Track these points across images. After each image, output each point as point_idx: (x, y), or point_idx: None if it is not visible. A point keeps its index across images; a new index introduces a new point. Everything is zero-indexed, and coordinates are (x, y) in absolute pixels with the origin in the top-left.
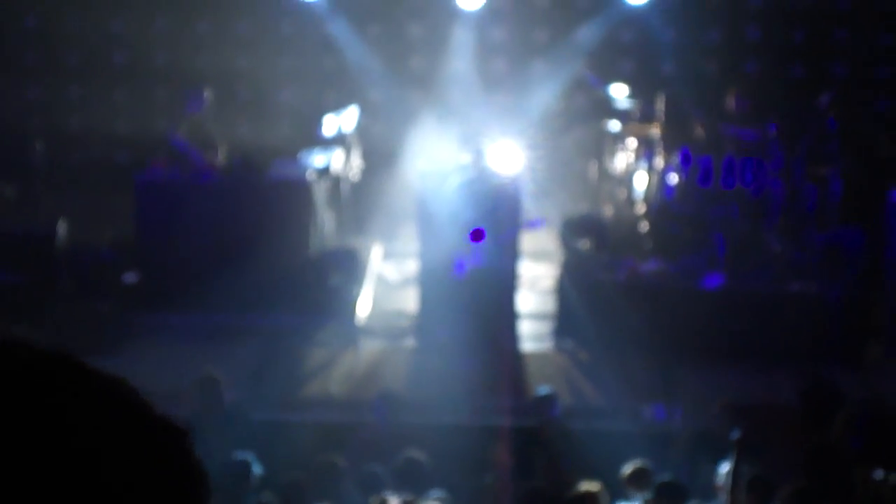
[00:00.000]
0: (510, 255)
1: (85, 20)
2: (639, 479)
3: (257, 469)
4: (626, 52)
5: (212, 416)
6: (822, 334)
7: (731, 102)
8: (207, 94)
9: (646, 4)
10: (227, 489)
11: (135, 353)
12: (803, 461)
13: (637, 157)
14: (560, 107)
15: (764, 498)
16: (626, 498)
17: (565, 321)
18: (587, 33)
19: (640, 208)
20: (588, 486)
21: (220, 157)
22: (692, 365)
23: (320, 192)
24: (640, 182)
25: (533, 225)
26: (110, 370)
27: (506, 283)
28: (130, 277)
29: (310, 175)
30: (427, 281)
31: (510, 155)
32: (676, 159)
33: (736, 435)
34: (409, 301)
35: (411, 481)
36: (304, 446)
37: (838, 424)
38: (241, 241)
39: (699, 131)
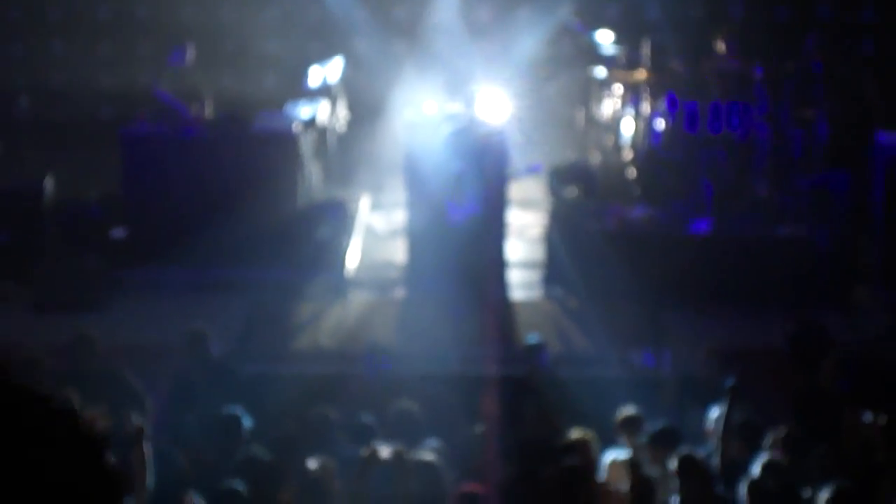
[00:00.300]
0: (498, 203)
1: None
2: (630, 425)
3: (247, 422)
4: None
5: (200, 370)
6: (810, 277)
7: (720, 46)
8: (190, 46)
9: None
10: (217, 442)
11: (123, 308)
12: (792, 405)
13: (623, 104)
14: (545, 54)
15: (755, 443)
16: (618, 445)
17: (554, 269)
18: None
19: (628, 155)
20: (579, 433)
21: (206, 109)
22: (680, 310)
23: (306, 143)
24: (627, 128)
25: (533, 170)
26: (99, 325)
27: (494, 232)
28: (118, 232)
29: (296, 127)
30: (415, 232)
31: (498, 102)
32: (663, 105)
33: (730, 382)
34: (398, 252)
35: (404, 432)
36: (294, 399)
37: (827, 368)
38: (227, 195)
39: (684, 73)
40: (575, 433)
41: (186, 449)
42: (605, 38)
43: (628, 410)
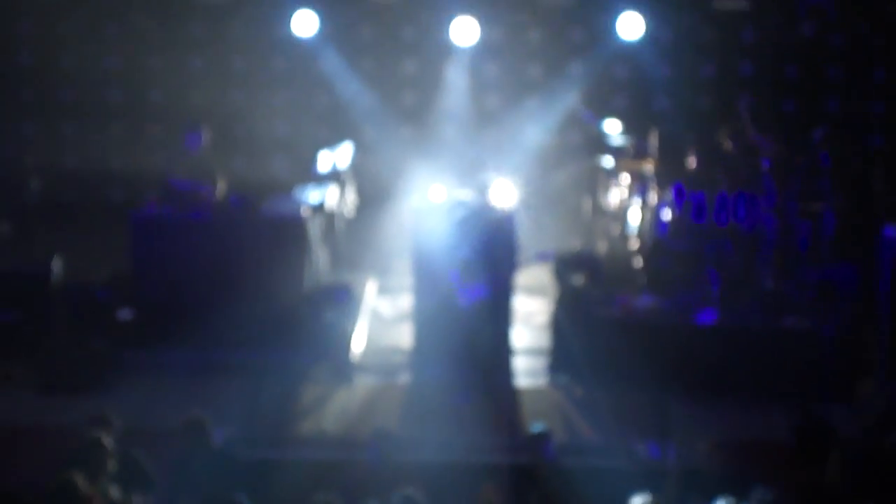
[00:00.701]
0: (505, 290)
1: (80, 57)
2: None
3: None
4: (620, 87)
5: (199, 458)
6: (815, 370)
7: (727, 144)
8: (206, 130)
9: (639, 40)
10: None
11: (128, 389)
12: (797, 499)
13: (631, 193)
14: (554, 142)
15: None
16: None
17: (560, 357)
18: (581, 69)
19: (634, 244)
20: None
21: (220, 193)
22: (686, 401)
23: (315, 228)
24: (634, 217)
25: (543, 257)
26: (104, 406)
27: (500, 319)
28: (125, 314)
29: (304, 211)
30: (421, 317)
31: (506, 190)
32: (670, 195)
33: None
34: (404, 337)
35: None
36: (298, 485)
37: (832, 462)
38: (235, 278)
39: (691, 168)
40: None
41: None
42: (614, 128)
43: (642, 499)
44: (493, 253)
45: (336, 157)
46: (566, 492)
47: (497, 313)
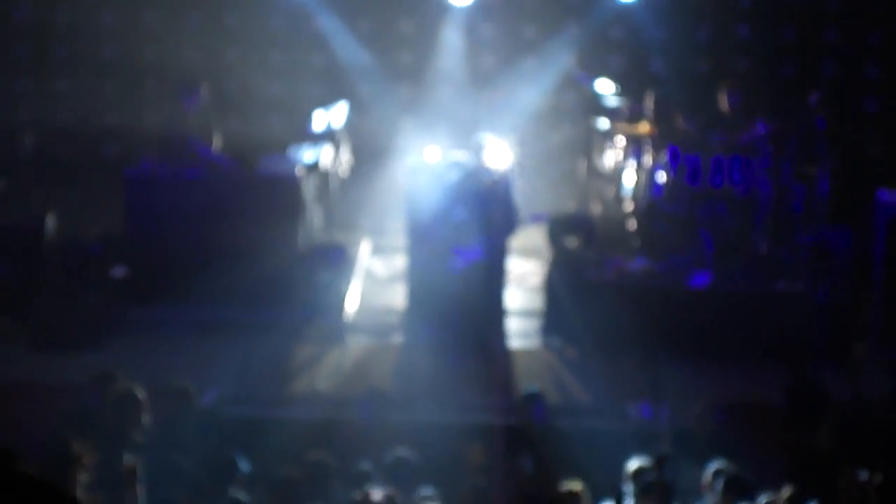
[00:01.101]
0: (499, 251)
1: (74, 14)
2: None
3: (244, 466)
4: (616, 49)
5: (187, 422)
6: (809, 334)
7: (723, 101)
8: (204, 89)
9: (636, 2)
10: (214, 486)
11: (122, 346)
12: (788, 462)
13: (625, 155)
14: (549, 104)
15: (749, 499)
16: (618, 495)
17: (553, 319)
18: (577, 30)
19: (629, 206)
20: (571, 485)
21: (216, 151)
22: (679, 363)
23: (309, 187)
24: (629, 180)
25: (536, 219)
26: (96, 363)
27: (494, 280)
28: (118, 271)
29: (299, 170)
30: (415, 277)
31: (501, 151)
32: (665, 157)
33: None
34: (397, 297)
35: (401, 479)
36: (290, 443)
37: (824, 429)
38: (229, 236)
39: (687, 130)
40: (567, 485)
41: (181, 491)
42: (609, 90)
43: (638, 462)
44: (487, 214)
45: (331, 116)
46: (558, 453)
47: (491, 275)
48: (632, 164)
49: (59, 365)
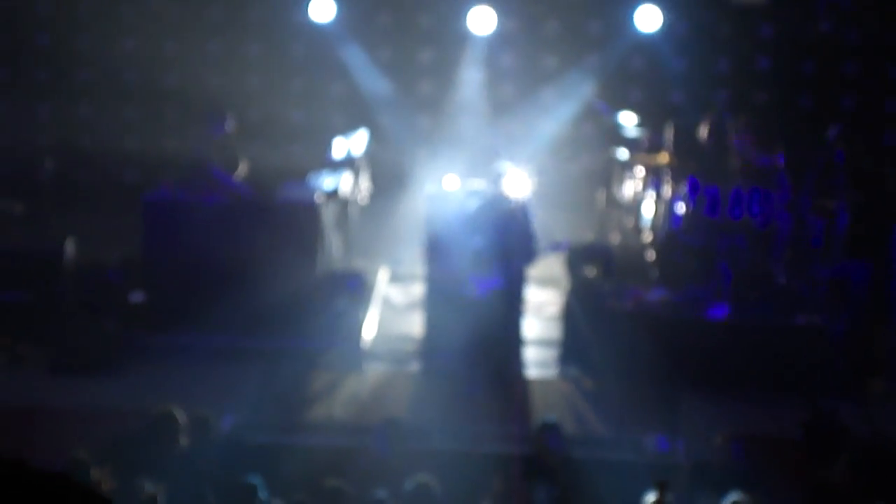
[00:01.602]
0: (517, 280)
1: (96, 39)
2: None
3: (262, 492)
4: (636, 80)
5: (206, 449)
6: (827, 367)
7: (741, 131)
8: (231, 117)
9: (656, 33)
10: None
11: (139, 372)
12: (805, 495)
13: (645, 186)
14: (569, 134)
15: None
16: None
17: (571, 348)
18: (597, 61)
19: (647, 237)
20: None
21: (243, 175)
22: (696, 395)
23: (328, 214)
24: (648, 210)
25: (558, 247)
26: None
27: (512, 309)
28: (137, 297)
29: (318, 197)
30: (433, 306)
31: (520, 180)
32: (684, 189)
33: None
34: (415, 326)
35: None
36: (308, 471)
37: (842, 463)
38: (248, 263)
39: (706, 158)
40: None
41: None
42: (629, 120)
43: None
44: (506, 243)
45: (351, 144)
46: (575, 484)
47: (509, 303)
48: (651, 195)
49: (78, 389)
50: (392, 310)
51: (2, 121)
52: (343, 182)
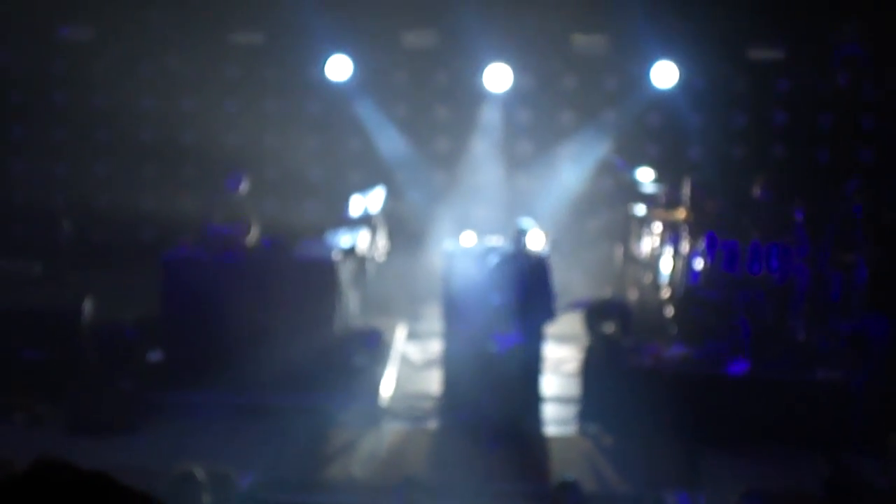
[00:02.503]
0: (535, 337)
1: (114, 98)
2: None
3: None
4: (653, 135)
5: None
6: (847, 422)
7: (757, 191)
8: (246, 174)
9: (672, 88)
10: None
11: (157, 431)
12: None
13: (662, 242)
14: (586, 189)
15: None
16: None
17: (589, 405)
18: (614, 116)
19: (666, 293)
20: None
21: (252, 238)
22: (716, 451)
23: (345, 271)
24: (666, 266)
25: (578, 306)
26: (132, 448)
27: (530, 366)
28: (155, 355)
29: (335, 255)
30: (451, 363)
31: (538, 237)
32: (702, 244)
33: None
34: (433, 383)
35: None
36: None
37: None
38: (265, 320)
39: (724, 213)
40: None
41: None
42: (646, 176)
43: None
44: (525, 300)
45: (368, 201)
46: None
47: (527, 360)
48: (669, 250)
49: (96, 449)
50: (410, 367)
51: (19, 180)
52: (360, 239)
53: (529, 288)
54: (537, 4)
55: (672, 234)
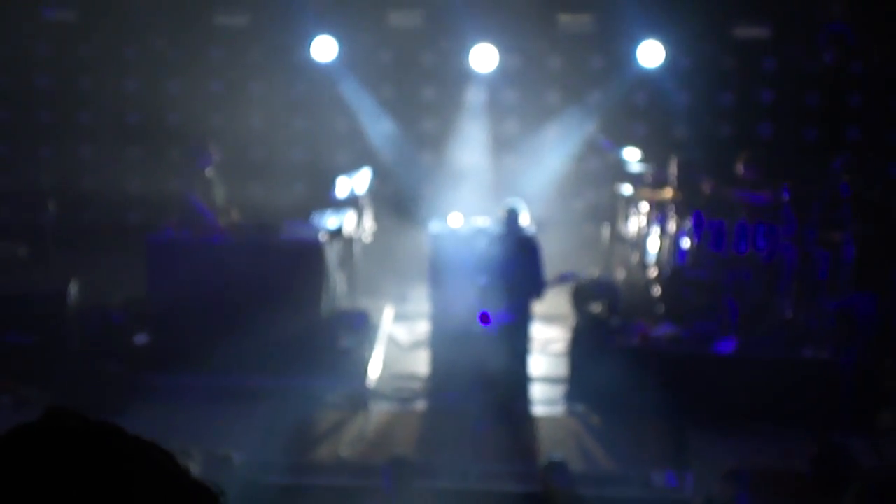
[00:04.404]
0: (523, 316)
1: (98, 80)
2: None
3: None
4: (640, 115)
5: (227, 488)
6: (834, 400)
7: (740, 168)
8: (215, 149)
9: (658, 68)
10: None
11: (144, 413)
12: None
13: (649, 221)
14: (573, 170)
15: None
16: None
17: (577, 385)
18: (600, 96)
19: (653, 272)
20: None
21: (234, 216)
22: (704, 430)
23: (332, 253)
24: (653, 246)
25: (566, 278)
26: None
27: (518, 346)
28: (141, 338)
29: (322, 236)
30: (438, 343)
31: (525, 217)
32: (689, 223)
33: None
34: (420, 364)
35: None
36: None
37: (850, 497)
38: (252, 303)
39: (710, 194)
40: None
41: None
42: (633, 156)
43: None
44: (513, 280)
45: (354, 182)
46: None
47: (515, 341)
48: (656, 230)
49: None
50: (397, 348)
51: (4, 163)
52: (347, 220)
53: (515, 268)
54: None
55: (659, 214)
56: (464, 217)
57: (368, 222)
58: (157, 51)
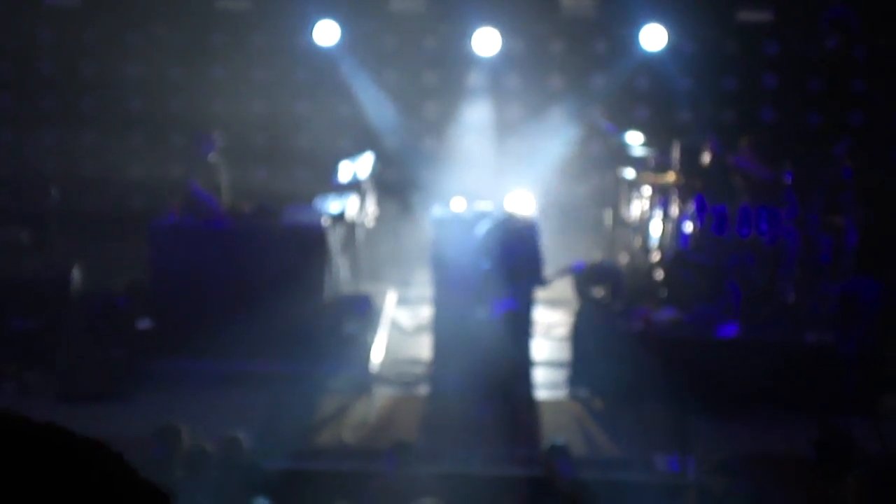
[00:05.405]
0: (526, 302)
1: (101, 66)
2: None
3: None
4: (642, 99)
5: (234, 472)
6: (837, 385)
7: (744, 151)
8: (219, 135)
9: (661, 52)
10: None
11: (147, 398)
12: None
13: (652, 205)
14: (575, 154)
15: None
16: None
17: (580, 369)
18: (603, 80)
19: (655, 256)
20: None
21: (236, 202)
22: (706, 415)
23: (335, 238)
24: (656, 230)
25: (575, 269)
26: (122, 416)
27: (521, 331)
28: (144, 323)
29: (324, 221)
30: (441, 328)
31: (525, 202)
32: (691, 207)
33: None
34: (423, 348)
35: None
36: (317, 495)
37: (853, 481)
38: (255, 287)
39: (709, 164)
40: None
41: None
42: (635, 140)
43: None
44: (515, 265)
45: (357, 167)
46: None
47: (518, 325)
48: (658, 214)
49: (86, 417)
50: (400, 333)
51: (6, 149)
52: (349, 205)
53: (517, 253)
54: None
55: (662, 198)
56: (466, 201)
57: (371, 207)
58: (159, 36)
